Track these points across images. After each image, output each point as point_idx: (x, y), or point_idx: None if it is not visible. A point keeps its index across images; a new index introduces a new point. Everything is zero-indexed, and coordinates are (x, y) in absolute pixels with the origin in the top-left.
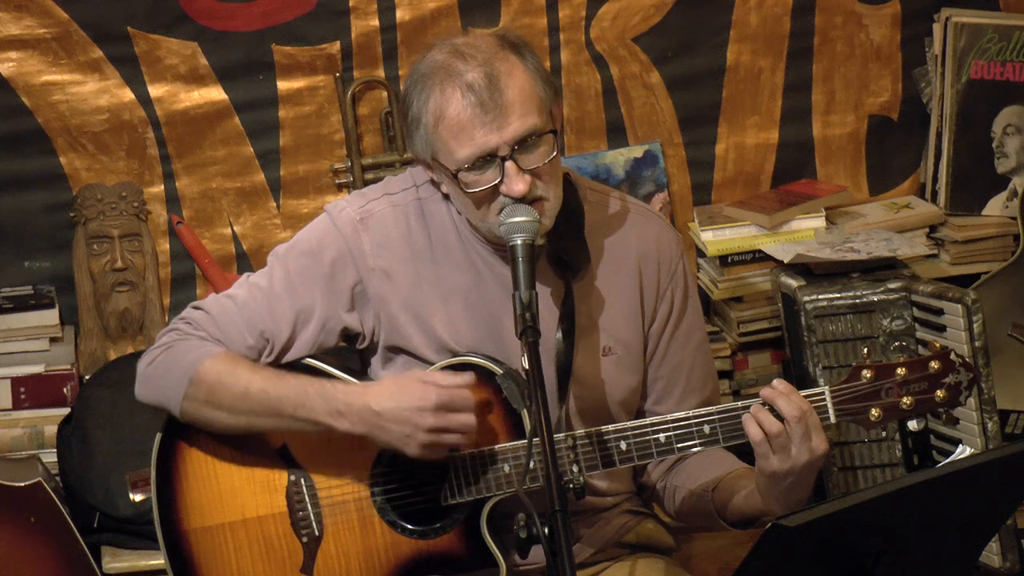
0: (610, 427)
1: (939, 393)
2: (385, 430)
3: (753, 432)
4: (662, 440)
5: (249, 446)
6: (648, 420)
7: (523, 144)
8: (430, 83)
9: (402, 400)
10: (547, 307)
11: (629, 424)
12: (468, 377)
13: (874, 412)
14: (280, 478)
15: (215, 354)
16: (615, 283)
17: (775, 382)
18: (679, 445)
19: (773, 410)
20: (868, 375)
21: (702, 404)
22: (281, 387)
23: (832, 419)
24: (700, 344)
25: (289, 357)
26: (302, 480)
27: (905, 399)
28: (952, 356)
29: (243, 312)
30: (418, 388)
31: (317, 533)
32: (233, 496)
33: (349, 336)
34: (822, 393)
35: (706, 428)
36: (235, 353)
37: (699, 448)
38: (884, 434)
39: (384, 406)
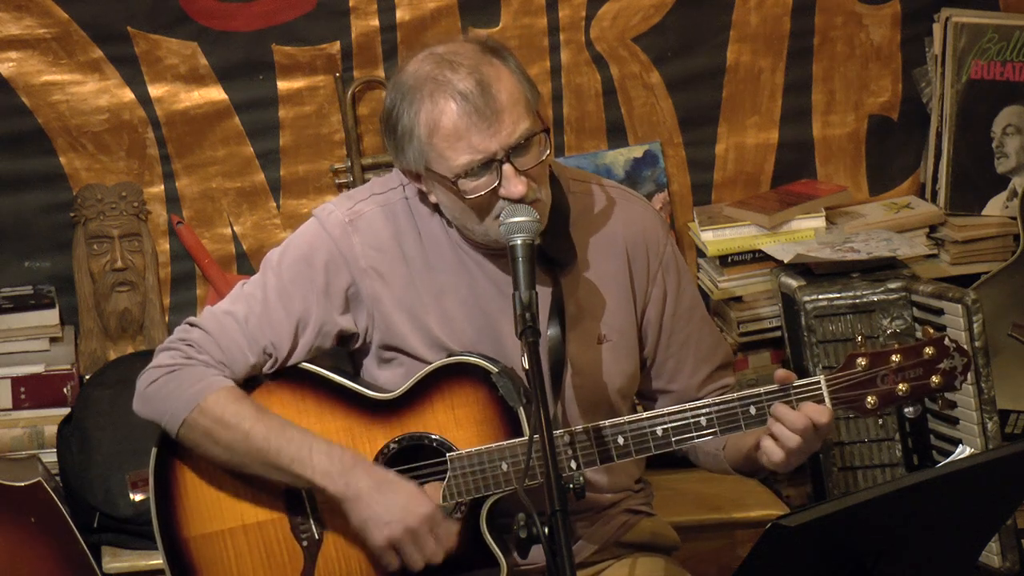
0: (607, 422)
1: (934, 378)
2: (369, 505)
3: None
4: (659, 433)
5: None
6: (645, 414)
7: (518, 146)
8: (419, 95)
9: (402, 494)
10: (539, 304)
11: (626, 419)
12: (457, 535)
13: (870, 399)
14: (279, 483)
15: (221, 388)
16: (605, 271)
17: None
18: (676, 438)
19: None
20: (863, 363)
21: (716, 371)
22: (283, 439)
23: (829, 407)
24: (703, 317)
25: (289, 363)
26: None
27: (901, 385)
28: (946, 341)
29: (244, 329)
30: (420, 495)
31: (317, 537)
32: (232, 502)
33: (343, 338)
34: (818, 382)
35: (703, 420)
36: (241, 391)
37: (697, 440)
38: (884, 433)
39: (382, 487)
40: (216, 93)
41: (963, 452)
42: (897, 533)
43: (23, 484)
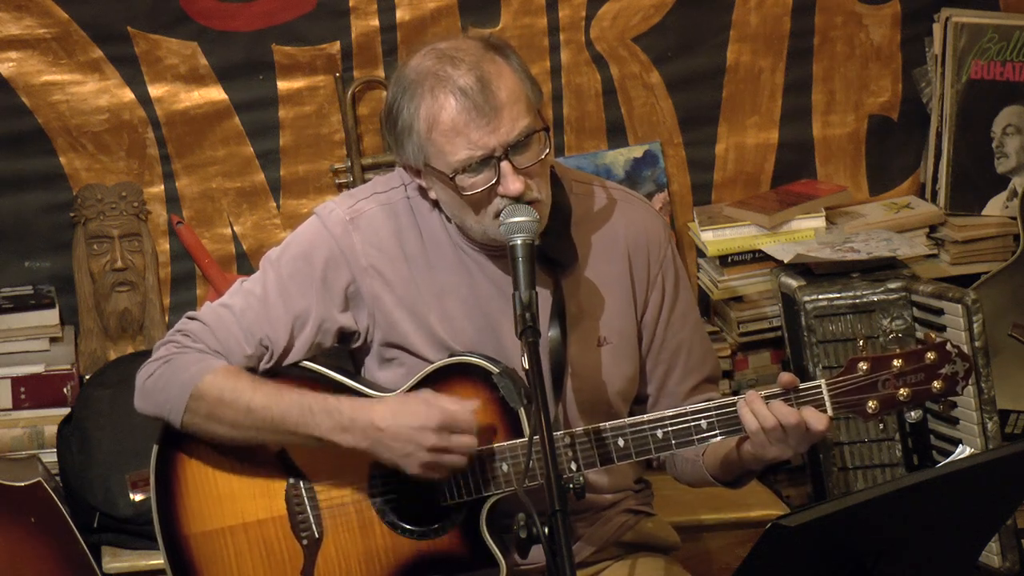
0: (608, 424)
1: (936, 384)
2: (387, 446)
3: (749, 422)
4: (659, 436)
5: (248, 450)
6: (646, 416)
7: (517, 144)
8: (420, 90)
9: (405, 418)
10: (539, 305)
11: (627, 421)
12: (473, 402)
13: (871, 404)
14: (279, 481)
15: (216, 368)
16: (606, 273)
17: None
18: (676, 441)
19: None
20: (864, 367)
21: (704, 382)
22: (284, 404)
23: (829, 412)
24: (696, 325)
25: (287, 361)
26: (301, 483)
27: (902, 390)
28: (948, 347)
29: (240, 322)
30: (422, 407)
31: (317, 535)
32: (232, 500)
33: (344, 336)
34: (819, 386)
35: (703, 423)
36: (235, 367)
37: (697, 444)
38: (884, 433)
39: (387, 422)
40: (216, 93)
41: (963, 452)
42: (897, 533)
43: (23, 484)
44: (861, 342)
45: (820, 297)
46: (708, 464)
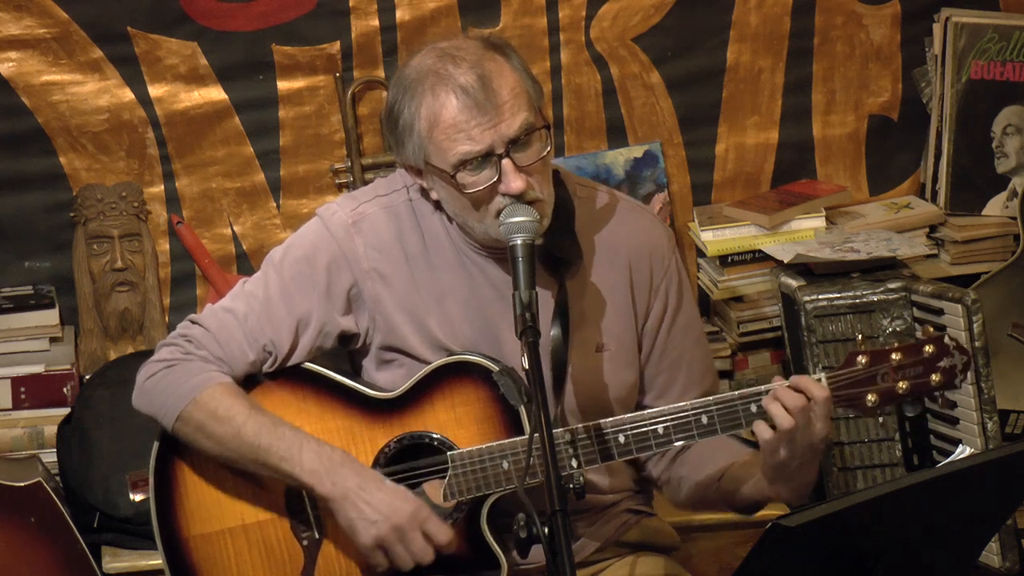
0: (608, 420)
1: (934, 376)
2: (355, 506)
3: (777, 414)
4: (660, 432)
5: None
6: (646, 412)
7: (518, 141)
8: (420, 88)
9: (388, 493)
10: (541, 305)
11: (627, 417)
12: (453, 534)
13: (870, 397)
14: (279, 483)
15: (216, 384)
16: (607, 279)
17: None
18: (677, 436)
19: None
20: (863, 361)
21: (703, 395)
22: (273, 436)
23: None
24: (699, 337)
25: (290, 363)
26: None
27: (901, 383)
28: (946, 340)
29: (244, 327)
30: (407, 496)
31: (317, 536)
32: (232, 501)
33: (344, 338)
34: (818, 380)
35: (704, 419)
36: (236, 387)
37: (698, 439)
38: (884, 433)
39: (370, 485)
40: (216, 93)
41: (963, 452)
42: (897, 533)
43: (23, 484)
44: (860, 337)
45: (820, 297)
46: (725, 488)
